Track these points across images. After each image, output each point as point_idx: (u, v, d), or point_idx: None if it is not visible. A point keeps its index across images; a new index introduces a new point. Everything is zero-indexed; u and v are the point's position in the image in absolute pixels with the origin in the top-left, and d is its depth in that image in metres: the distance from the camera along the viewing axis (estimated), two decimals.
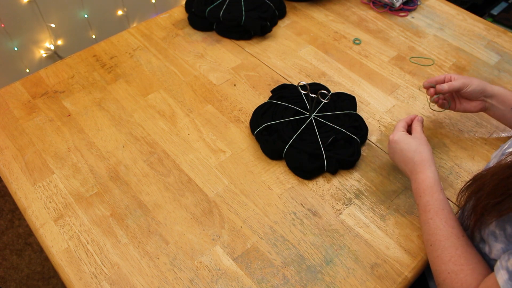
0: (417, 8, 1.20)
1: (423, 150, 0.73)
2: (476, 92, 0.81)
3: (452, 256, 0.62)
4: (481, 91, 0.81)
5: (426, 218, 0.67)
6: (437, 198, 0.68)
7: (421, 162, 0.72)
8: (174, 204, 0.78)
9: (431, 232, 0.66)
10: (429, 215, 0.67)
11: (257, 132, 0.85)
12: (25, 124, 0.90)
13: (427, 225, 0.67)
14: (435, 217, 0.66)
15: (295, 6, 1.20)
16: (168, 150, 0.86)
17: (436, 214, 0.66)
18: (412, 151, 0.73)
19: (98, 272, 0.69)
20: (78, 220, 0.75)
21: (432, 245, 0.65)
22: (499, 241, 0.58)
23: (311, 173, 0.81)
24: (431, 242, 0.66)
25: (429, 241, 0.66)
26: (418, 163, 0.72)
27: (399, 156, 0.75)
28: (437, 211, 0.67)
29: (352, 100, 0.92)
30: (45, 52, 1.68)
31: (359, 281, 0.69)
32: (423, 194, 0.69)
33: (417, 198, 0.70)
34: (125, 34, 1.10)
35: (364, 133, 0.86)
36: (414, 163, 0.72)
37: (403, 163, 0.75)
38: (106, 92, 0.96)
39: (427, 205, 0.68)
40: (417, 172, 0.71)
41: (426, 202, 0.68)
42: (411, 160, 0.73)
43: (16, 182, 0.81)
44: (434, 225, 0.66)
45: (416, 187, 0.71)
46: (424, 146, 0.74)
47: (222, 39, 1.09)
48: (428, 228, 0.67)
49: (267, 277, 0.69)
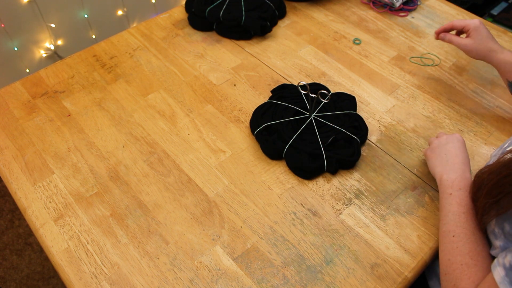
0: (417, 8, 1.20)
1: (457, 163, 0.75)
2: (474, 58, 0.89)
3: (472, 250, 0.62)
4: (484, 60, 0.88)
5: (458, 210, 0.67)
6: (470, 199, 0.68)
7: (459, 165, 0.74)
8: (174, 204, 0.78)
9: (461, 225, 0.65)
10: (462, 209, 0.66)
11: (257, 132, 0.85)
12: (25, 124, 0.90)
13: (457, 217, 0.66)
14: (468, 213, 0.66)
15: (295, 6, 1.20)
16: (168, 150, 0.86)
17: (470, 212, 0.66)
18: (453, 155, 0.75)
19: (98, 272, 0.69)
20: (78, 220, 0.75)
21: (455, 236, 0.65)
22: (498, 239, 0.59)
23: (311, 173, 0.81)
24: (454, 233, 0.65)
25: (452, 232, 0.65)
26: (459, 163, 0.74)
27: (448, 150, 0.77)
28: (471, 210, 0.67)
29: (352, 100, 0.92)
30: (45, 52, 1.68)
31: (359, 281, 0.69)
32: (464, 189, 0.69)
33: (452, 188, 0.70)
34: (125, 34, 1.10)
35: (364, 133, 0.86)
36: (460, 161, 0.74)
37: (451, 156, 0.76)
38: (106, 92, 0.96)
39: (463, 199, 0.67)
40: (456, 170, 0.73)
41: (465, 197, 0.68)
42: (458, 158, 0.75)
43: (16, 182, 0.81)
44: (465, 219, 0.65)
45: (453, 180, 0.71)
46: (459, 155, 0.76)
47: (222, 39, 1.09)
48: (458, 220, 0.66)
49: (267, 277, 0.69)
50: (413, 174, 0.82)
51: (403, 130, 0.90)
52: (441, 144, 0.77)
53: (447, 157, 0.75)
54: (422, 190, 0.80)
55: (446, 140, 0.78)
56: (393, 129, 0.90)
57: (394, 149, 0.86)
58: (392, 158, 0.85)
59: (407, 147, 0.87)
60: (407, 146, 0.87)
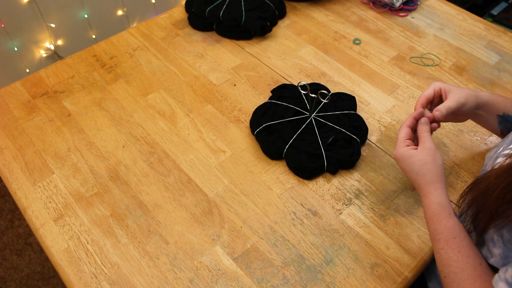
0: (417, 8, 1.20)
1: (427, 171, 0.65)
2: (471, 109, 0.73)
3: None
4: (475, 107, 0.74)
5: (437, 247, 0.62)
6: (445, 225, 0.61)
7: (425, 185, 0.65)
8: (174, 204, 0.78)
9: (444, 263, 0.60)
10: (439, 245, 0.61)
11: (257, 132, 0.85)
12: (25, 124, 0.90)
13: (439, 255, 0.61)
14: (446, 247, 0.60)
15: (295, 6, 1.20)
16: (168, 150, 0.86)
17: (447, 243, 0.60)
18: (414, 173, 0.66)
19: (98, 272, 0.69)
20: (78, 220, 0.75)
21: (446, 276, 0.60)
22: (497, 247, 0.58)
23: (311, 173, 0.81)
24: (445, 274, 0.60)
25: (442, 272, 0.61)
26: (422, 186, 0.65)
27: (406, 174, 0.68)
28: (448, 240, 0.61)
29: (352, 100, 0.92)
30: (45, 52, 1.68)
31: (359, 281, 0.69)
32: (430, 221, 0.63)
33: (426, 223, 0.65)
34: (125, 34, 1.10)
35: (364, 133, 0.86)
36: (419, 186, 0.66)
37: (411, 181, 0.68)
38: (106, 92, 0.96)
39: (436, 234, 0.62)
40: (422, 195, 0.65)
41: (434, 230, 0.62)
42: (415, 182, 0.66)
43: (16, 182, 0.81)
44: (446, 256, 0.60)
45: (424, 212, 0.65)
46: (429, 164, 0.65)
47: (222, 39, 1.09)
48: (440, 259, 0.61)
49: (267, 277, 0.69)
50: None
51: None
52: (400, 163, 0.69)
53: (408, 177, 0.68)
54: None
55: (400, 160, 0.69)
56: (393, 129, 0.90)
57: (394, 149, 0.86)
58: (392, 158, 0.85)
59: None
60: None
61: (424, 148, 0.67)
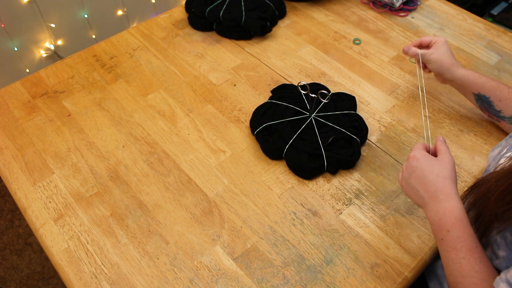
0: (417, 8, 1.20)
1: (448, 175, 0.62)
2: (435, 71, 0.87)
3: None
4: (440, 74, 0.87)
5: (457, 257, 0.58)
6: (469, 233, 0.58)
7: (445, 188, 0.61)
8: (174, 204, 0.78)
9: (465, 274, 0.57)
10: (461, 254, 0.58)
11: (257, 132, 0.85)
12: (25, 124, 0.90)
13: (459, 265, 0.58)
14: (469, 256, 0.57)
15: (295, 6, 1.20)
16: (168, 150, 0.86)
17: (470, 253, 0.57)
18: (435, 173, 0.62)
19: (98, 272, 0.69)
20: (78, 220, 0.75)
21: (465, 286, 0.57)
22: (501, 249, 0.58)
23: (311, 173, 0.81)
24: (463, 286, 0.57)
25: (461, 284, 0.57)
26: (441, 189, 0.61)
27: (417, 177, 0.63)
28: (471, 249, 0.57)
29: (352, 100, 0.92)
30: (45, 52, 1.68)
31: (359, 281, 0.69)
32: (453, 228, 0.59)
33: (441, 232, 0.60)
34: (125, 34, 1.10)
35: (364, 133, 0.86)
36: (436, 188, 0.61)
37: (421, 185, 0.63)
38: (106, 92, 0.96)
39: (458, 242, 0.58)
40: (440, 200, 0.61)
41: (456, 238, 0.58)
42: (432, 184, 0.62)
43: (16, 182, 0.81)
44: (468, 266, 0.57)
45: (440, 219, 0.60)
46: (449, 170, 0.62)
47: (222, 39, 1.09)
48: (460, 269, 0.57)
49: (267, 277, 0.69)
50: None
51: (403, 130, 0.90)
52: (405, 179, 0.66)
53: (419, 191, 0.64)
54: None
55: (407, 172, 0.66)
56: (393, 129, 0.90)
57: (394, 149, 0.86)
58: (392, 158, 0.85)
59: (407, 147, 0.87)
60: (407, 146, 0.87)
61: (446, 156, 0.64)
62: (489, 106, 0.82)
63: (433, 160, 0.63)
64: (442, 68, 0.86)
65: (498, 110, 0.81)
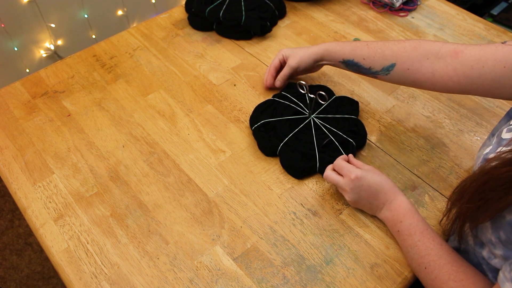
0: (417, 8, 1.20)
1: (387, 179, 0.72)
2: (311, 65, 0.89)
3: (450, 273, 0.61)
4: (314, 63, 0.88)
5: (413, 241, 0.66)
6: (418, 219, 0.67)
7: (391, 190, 0.71)
8: (174, 204, 0.78)
9: (423, 254, 0.64)
10: (415, 238, 0.66)
11: (255, 128, 0.86)
12: (25, 124, 0.90)
13: (416, 248, 0.65)
14: (422, 238, 0.65)
15: (295, 6, 1.20)
16: (168, 150, 0.86)
17: (423, 234, 0.65)
18: (379, 182, 0.71)
19: (98, 272, 0.69)
20: (78, 220, 0.76)
21: (426, 267, 0.63)
22: (497, 248, 0.58)
23: (302, 173, 0.81)
24: (425, 265, 0.64)
25: (422, 264, 0.64)
26: (388, 192, 0.71)
27: (366, 192, 0.71)
28: (423, 231, 0.66)
29: (355, 105, 0.91)
30: (45, 52, 1.68)
31: (359, 281, 0.69)
32: (404, 218, 0.68)
33: (396, 225, 0.69)
34: (125, 34, 1.10)
35: (362, 137, 0.85)
36: (385, 193, 0.71)
37: (372, 197, 0.71)
38: (106, 92, 0.96)
39: (411, 228, 0.67)
40: (390, 200, 0.71)
41: (409, 225, 0.67)
42: (381, 191, 0.71)
43: (16, 182, 0.81)
44: (424, 246, 0.65)
45: (392, 215, 0.70)
46: (383, 175, 0.73)
47: (222, 39, 1.09)
48: (418, 251, 0.65)
49: (267, 277, 0.69)
50: (413, 174, 0.82)
51: (403, 130, 0.90)
52: (355, 199, 0.73)
53: (371, 203, 0.72)
54: (422, 190, 0.80)
55: (354, 192, 0.72)
56: (393, 129, 0.90)
57: (394, 149, 0.86)
58: (392, 158, 0.85)
59: (407, 147, 0.87)
60: (407, 146, 0.87)
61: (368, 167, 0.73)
62: (359, 68, 0.83)
63: (369, 172, 0.72)
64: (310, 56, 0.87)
65: (368, 68, 0.81)
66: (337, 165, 0.74)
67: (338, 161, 0.75)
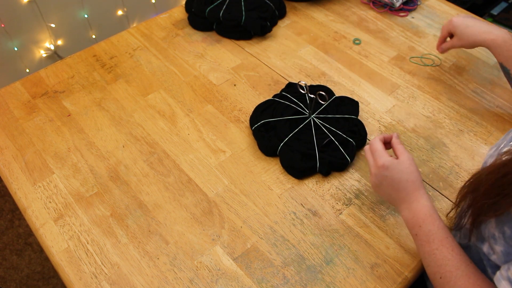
0: (417, 8, 1.20)
1: (415, 178, 0.68)
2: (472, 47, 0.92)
3: (467, 286, 0.59)
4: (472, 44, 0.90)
5: (430, 249, 0.63)
6: (439, 226, 0.64)
7: (414, 191, 0.67)
8: (174, 204, 0.78)
9: (439, 263, 0.62)
10: (433, 246, 0.63)
11: (255, 128, 0.86)
12: (25, 124, 0.90)
13: (434, 256, 0.63)
14: (441, 247, 0.62)
15: (295, 6, 1.20)
16: (168, 150, 0.86)
17: (442, 243, 0.63)
18: (404, 180, 0.68)
19: (98, 272, 0.69)
20: (78, 220, 0.75)
21: (442, 277, 0.61)
22: (498, 244, 0.58)
23: (302, 173, 0.81)
24: (440, 275, 0.61)
25: (437, 274, 0.62)
26: (411, 192, 0.67)
27: (388, 185, 0.69)
28: (442, 240, 0.63)
29: (355, 106, 0.91)
30: (45, 52, 1.68)
31: (359, 281, 0.69)
32: (424, 224, 0.65)
33: (414, 228, 0.66)
34: (125, 34, 1.10)
35: (362, 137, 0.85)
36: (407, 193, 0.67)
37: (393, 191, 0.69)
38: (106, 92, 0.96)
39: (430, 235, 0.64)
40: (411, 201, 0.67)
41: (428, 231, 0.64)
42: (403, 189, 0.68)
43: (16, 182, 0.81)
44: (441, 256, 0.62)
45: (412, 217, 0.66)
46: (415, 172, 0.68)
47: (222, 39, 1.09)
48: (435, 259, 0.62)
49: (267, 277, 0.69)
50: None
51: (403, 130, 0.90)
52: (377, 185, 0.71)
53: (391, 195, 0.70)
54: None
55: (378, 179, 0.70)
56: (393, 129, 0.90)
57: None
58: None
59: (407, 147, 0.87)
60: (407, 146, 0.87)
61: (407, 157, 0.69)
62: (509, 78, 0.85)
63: (398, 165, 0.68)
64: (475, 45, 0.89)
65: None
66: (372, 145, 0.72)
67: (374, 141, 0.71)
